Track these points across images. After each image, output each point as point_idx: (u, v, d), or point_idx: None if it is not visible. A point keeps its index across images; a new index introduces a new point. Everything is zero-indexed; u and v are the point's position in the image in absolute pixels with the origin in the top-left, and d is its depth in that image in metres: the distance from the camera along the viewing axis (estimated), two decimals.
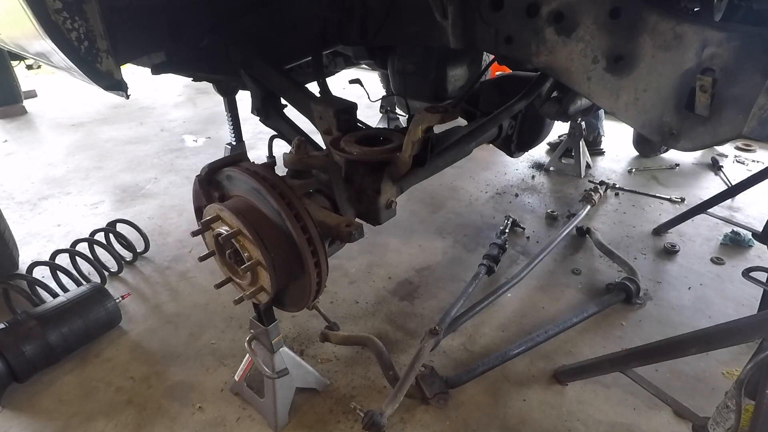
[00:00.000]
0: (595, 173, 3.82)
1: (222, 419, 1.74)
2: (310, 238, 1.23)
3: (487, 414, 1.75)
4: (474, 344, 2.08)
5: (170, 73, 1.99)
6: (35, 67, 7.40)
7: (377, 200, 1.54)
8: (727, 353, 1.95)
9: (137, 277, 2.58)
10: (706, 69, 0.98)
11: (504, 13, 1.29)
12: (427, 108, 1.33)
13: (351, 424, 1.71)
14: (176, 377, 1.93)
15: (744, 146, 4.24)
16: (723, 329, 1.40)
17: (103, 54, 1.19)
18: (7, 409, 1.81)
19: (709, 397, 1.79)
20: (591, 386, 1.85)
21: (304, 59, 2.16)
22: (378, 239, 2.84)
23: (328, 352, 2.03)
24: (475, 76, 2.31)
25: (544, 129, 2.35)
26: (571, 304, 2.33)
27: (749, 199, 3.23)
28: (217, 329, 2.18)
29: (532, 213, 3.20)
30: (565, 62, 1.19)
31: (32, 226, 3.13)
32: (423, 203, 3.32)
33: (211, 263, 1.46)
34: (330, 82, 1.99)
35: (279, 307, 1.49)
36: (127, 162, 4.17)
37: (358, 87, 1.96)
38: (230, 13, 1.88)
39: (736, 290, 2.40)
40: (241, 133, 3.16)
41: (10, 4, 1.10)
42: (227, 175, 1.33)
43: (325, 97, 1.79)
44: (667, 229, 2.93)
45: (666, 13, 1.02)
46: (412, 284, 2.48)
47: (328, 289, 2.40)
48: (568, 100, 1.97)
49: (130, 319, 2.25)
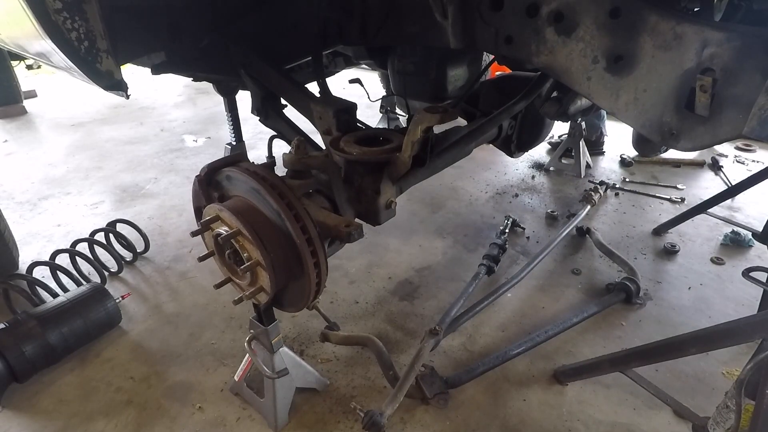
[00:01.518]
0: (595, 173, 3.82)
1: (222, 419, 1.74)
2: (309, 238, 1.22)
3: (487, 414, 1.75)
4: (474, 344, 2.08)
5: (170, 73, 2.00)
6: (35, 67, 7.40)
7: (377, 200, 1.54)
8: (727, 353, 1.95)
9: (137, 277, 2.58)
10: (706, 69, 0.98)
11: (504, 13, 1.29)
12: (426, 108, 1.33)
13: (351, 424, 1.71)
14: (176, 377, 1.93)
15: (744, 146, 4.24)
16: (723, 329, 1.40)
17: (103, 54, 1.19)
18: (7, 409, 1.81)
19: (709, 397, 1.79)
20: (591, 386, 1.85)
21: (303, 59, 2.16)
22: (378, 239, 2.84)
23: (328, 352, 2.03)
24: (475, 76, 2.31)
25: (544, 129, 2.35)
26: (571, 304, 2.33)
27: (749, 199, 3.23)
28: (217, 329, 2.18)
29: (532, 213, 3.20)
30: (565, 62, 1.19)
31: (32, 226, 3.13)
32: (423, 203, 3.32)
33: (211, 263, 1.46)
34: (330, 82, 1.98)
35: (278, 307, 1.49)
36: (127, 162, 4.17)
37: (358, 87, 1.96)
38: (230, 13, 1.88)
39: (736, 290, 2.40)
40: (241, 133, 3.17)
41: (10, 4, 1.10)
42: (227, 175, 1.33)
43: (325, 97, 1.79)
44: (667, 229, 2.93)
45: (666, 13, 1.02)
46: (412, 284, 2.48)
47: (328, 289, 2.40)
48: (568, 100, 1.97)
49: (130, 319, 2.25)
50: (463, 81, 2.30)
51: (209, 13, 1.84)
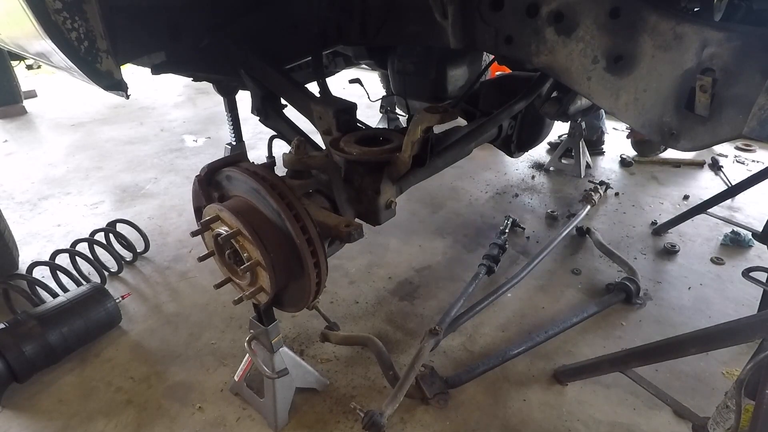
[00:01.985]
0: (595, 173, 3.82)
1: (222, 419, 1.74)
2: (309, 238, 1.22)
3: (487, 414, 1.75)
4: (474, 344, 2.08)
5: (170, 73, 2.00)
6: (35, 67, 7.40)
7: (377, 200, 1.54)
8: (727, 353, 1.95)
9: (137, 277, 2.58)
10: (706, 69, 0.98)
11: (504, 13, 1.29)
12: (426, 108, 1.33)
13: (351, 424, 1.71)
14: (176, 377, 1.93)
15: (744, 146, 4.24)
16: (723, 329, 1.40)
17: (103, 54, 1.19)
18: (7, 409, 1.81)
19: (709, 397, 1.79)
20: (591, 386, 1.85)
21: (304, 59, 2.16)
22: (378, 239, 2.84)
23: (328, 352, 2.03)
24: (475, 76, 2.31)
25: (544, 129, 2.35)
26: (571, 304, 2.33)
27: (749, 199, 3.23)
28: (217, 329, 2.18)
29: (532, 213, 3.20)
30: (565, 62, 1.19)
31: (32, 226, 3.13)
32: (423, 203, 3.32)
33: (211, 263, 1.46)
34: (330, 82, 1.99)
35: (279, 307, 1.48)
36: (127, 162, 4.17)
37: (358, 87, 1.96)
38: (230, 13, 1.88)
39: (736, 290, 2.40)
40: (241, 133, 3.17)
41: (10, 4, 1.10)
42: (227, 175, 1.33)
43: (325, 97, 1.79)
44: (667, 229, 2.92)
45: (666, 13, 1.02)
46: (412, 284, 2.48)
47: (328, 289, 2.39)
48: (568, 100, 1.97)
49: (130, 319, 2.25)
50: (463, 81, 2.30)
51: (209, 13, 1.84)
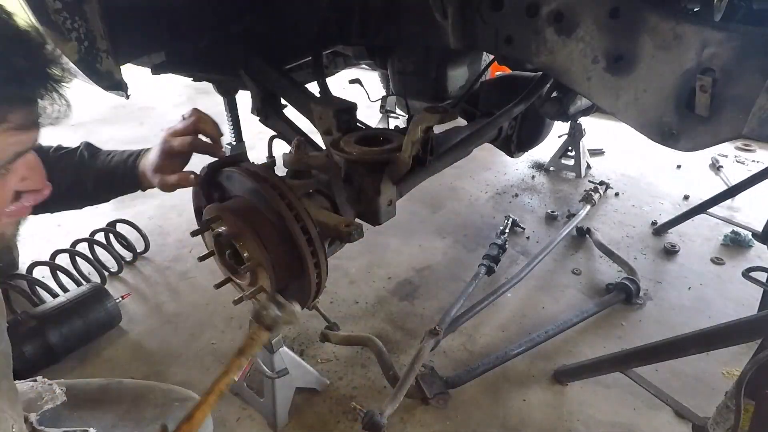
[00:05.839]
0: (595, 173, 3.82)
1: (222, 419, 1.74)
2: (310, 238, 1.22)
3: (487, 414, 1.75)
4: (474, 344, 2.08)
5: (170, 73, 1.99)
6: None
7: (377, 200, 1.54)
8: (727, 353, 1.94)
9: (137, 277, 2.58)
10: (706, 69, 0.98)
11: (504, 13, 1.29)
12: (426, 108, 1.33)
13: (351, 424, 1.71)
14: (176, 377, 1.93)
15: (744, 146, 4.24)
16: (723, 329, 1.40)
17: (103, 54, 1.19)
18: None
19: (709, 397, 1.79)
20: (591, 386, 1.85)
21: (304, 59, 2.16)
22: (378, 239, 2.84)
23: (328, 352, 2.03)
24: (475, 76, 2.31)
25: (544, 129, 2.35)
26: (571, 304, 2.33)
27: (749, 199, 3.22)
28: (217, 329, 2.18)
29: (532, 213, 3.20)
30: (565, 62, 1.19)
31: (32, 226, 3.12)
32: (423, 203, 3.32)
33: (211, 263, 1.45)
34: (330, 82, 1.98)
35: None
36: None
37: (358, 87, 1.96)
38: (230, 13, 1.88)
39: (736, 290, 2.39)
40: (241, 133, 3.16)
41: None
42: (227, 175, 1.33)
43: (325, 98, 1.79)
44: (667, 229, 2.93)
45: (666, 13, 1.02)
46: (412, 284, 2.48)
47: (328, 289, 2.39)
48: (568, 100, 1.97)
49: (130, 319, 2.25)
50: (463, 81, 2.30)
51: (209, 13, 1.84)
